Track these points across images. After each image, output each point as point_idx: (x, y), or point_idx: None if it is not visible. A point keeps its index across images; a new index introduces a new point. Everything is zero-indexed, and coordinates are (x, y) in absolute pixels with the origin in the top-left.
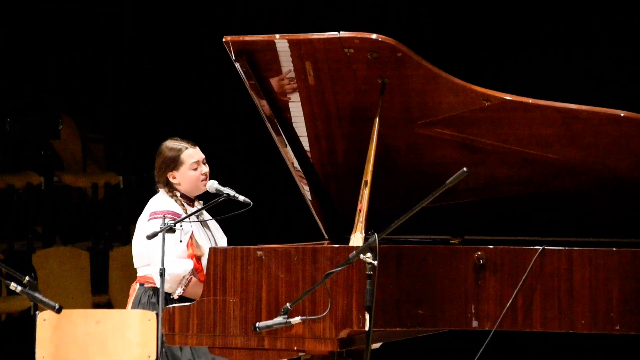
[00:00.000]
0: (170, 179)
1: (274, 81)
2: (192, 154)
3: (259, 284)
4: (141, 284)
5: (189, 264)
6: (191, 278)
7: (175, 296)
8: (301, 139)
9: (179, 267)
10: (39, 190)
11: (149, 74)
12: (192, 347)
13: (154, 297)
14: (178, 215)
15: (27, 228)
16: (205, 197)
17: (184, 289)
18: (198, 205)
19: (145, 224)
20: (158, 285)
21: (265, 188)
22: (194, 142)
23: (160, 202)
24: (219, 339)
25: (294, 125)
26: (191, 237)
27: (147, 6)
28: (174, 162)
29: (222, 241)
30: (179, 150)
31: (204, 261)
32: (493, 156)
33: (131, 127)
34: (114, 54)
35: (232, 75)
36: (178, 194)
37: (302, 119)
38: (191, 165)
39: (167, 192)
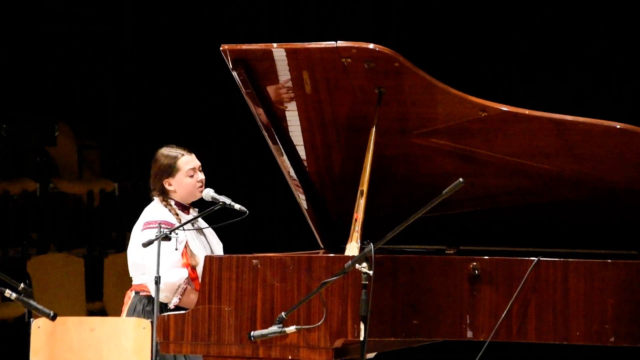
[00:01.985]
0: (166, 186)
1: (271, 90)
2: (188, 161)
3: (254, 292)
4: (136, 292)
5: (184, 273)
6: (186, 287)
7: (172, 306)
8: (298, 147)
9: (174, 275)
10: (34, 197)
11: (146, 81)
12: (186, 356)
13: (149, 306)
14: (171, 225)
15: (22, 234)
16: (201, 205)
17: (180, 298)
18: (193, 213)
19: (139, 234)
20: (153, 293)
21: (261, 197)
22: (190, 149)
23: (154, 211)
24: (213, 347)
25: (291, 134)
26: (186, 246)
27: (147, 15)
28: (170, 169)
29: (218, 248)
30: (175, 158)
31: (199, 270)
32: (489, 167)
33: (127, 134)
34: (113, 62)
35: (229, 84)
36: (172, 203)
37: (299, 128)
38: (187, 172)
39: (161, 201)
